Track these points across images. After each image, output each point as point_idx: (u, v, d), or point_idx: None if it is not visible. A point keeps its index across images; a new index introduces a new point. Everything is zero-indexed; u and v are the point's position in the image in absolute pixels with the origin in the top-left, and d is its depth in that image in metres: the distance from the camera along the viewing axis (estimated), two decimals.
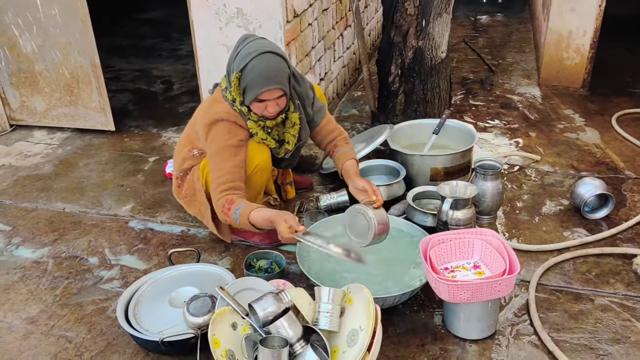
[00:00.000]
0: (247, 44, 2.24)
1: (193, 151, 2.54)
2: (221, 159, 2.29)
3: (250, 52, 2.20)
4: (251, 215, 2.18)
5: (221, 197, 2.26)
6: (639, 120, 3.75)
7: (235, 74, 2.23)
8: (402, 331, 2.12)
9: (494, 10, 6.72)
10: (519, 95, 4.20)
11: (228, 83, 2.34)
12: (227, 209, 2.23)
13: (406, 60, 3.39)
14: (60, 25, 3.31)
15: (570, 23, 4.04)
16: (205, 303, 2.02)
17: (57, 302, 2.33)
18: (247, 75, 2.21)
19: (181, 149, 2.61)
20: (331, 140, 2.60)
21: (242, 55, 2.22)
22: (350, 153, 2.54)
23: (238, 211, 2.20)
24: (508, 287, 1.95)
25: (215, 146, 2.31)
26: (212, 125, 2.32)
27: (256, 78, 2.20)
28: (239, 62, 2.22)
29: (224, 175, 2.27)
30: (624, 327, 2.12)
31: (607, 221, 2.71)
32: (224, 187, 2.26)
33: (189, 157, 2.55)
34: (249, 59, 2.19)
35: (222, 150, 2.29)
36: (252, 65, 2.19)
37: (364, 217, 2.14)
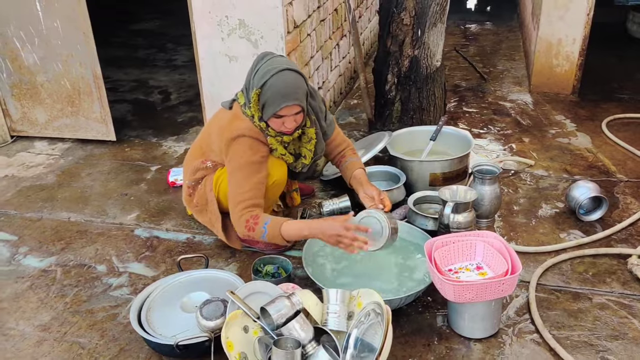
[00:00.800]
0: (266, 61, 2.31)
1: (206, 163, 2.58)
2: (244, 175, 2.32)
3: (270, 69, 2.26)
4: (283, 227, 2.24)
5: (244, 213, 2.29)
6: (628, 125, 3.86)
7: (255, 91, 2.28)
8: (408, 331, 2.19)
9: (483, 19, 6.84)
10: (510, 101, 4.30)
11: (247, 99, 2.38)
12: (254, 224, 2.26)
13: (402, 68, 3.47)
14: (62, 38, 3.36)
15: (559, 31, 4.16)
16: (217, 307, 2.07)
17: (67, 309, 2.37)
18: (267, 92, 2.26)
19: (193, 160, 2.65)
20: (340, 152, 2.69)
21: (262, 72, 2.28)
22: (359, 162, 2.64)
23: (267, 225, 2.25)
24: (511, 286, 2.03)
25: (237, 162, 2.34)
26: (233, 140, 2.35)
27: (275, 95, 2.26)
28: (258, 79, 2.28)
29: (246, 192, 2.30)
30: (622, 324, 2.20)
31: (602, 223, 2.80)
32: (246, 205, 2.30)
33: (202, 168, 2.60)
34: (269, 76, 2.25)
35: (245, 167, 2.32)
36: (272, 83, 2.25)
37: (377, 221, 2.21)
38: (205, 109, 3.32)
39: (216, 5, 2.91)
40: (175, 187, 3.20)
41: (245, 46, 2.98)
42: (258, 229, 2.26)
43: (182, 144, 3.76)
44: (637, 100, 4.25)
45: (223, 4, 2.90)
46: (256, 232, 2.27)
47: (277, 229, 2.25)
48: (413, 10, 3.28)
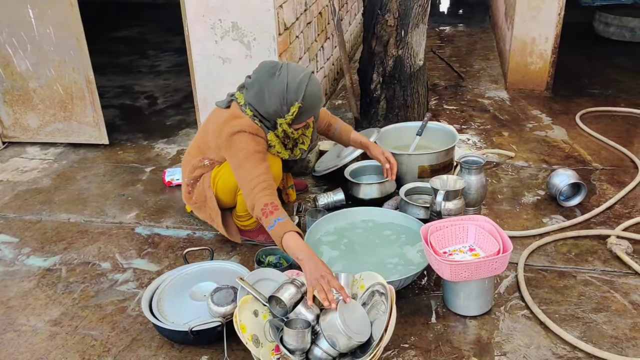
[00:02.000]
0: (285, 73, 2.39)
1: (204, 161, 2.67)
2: (253, 163, 2.36)
3: (301, 79, 2.38)
4: (288, 235, 2.18)
5: (263, 195, 2.28)
6: (600, 118, 4.07)
7: (297, 104, 2.37)
8: (408, 312, 2.31)
9: (456, 21, 7.06)
10: (488, 99, 4.49)
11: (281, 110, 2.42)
12: (270, 212, 2.23)
13: (387, 68, 3.61)
14: (55, 44, 3.42)
15: (533, 30, 4.36)
16: (228, 294, 2.17)
17: (76, 304, 2.44)
18: (307, 101, 2.40)
19: (191, 159, 2.74)
20: (325, 123, 2.88)
21: (294, 85, 2.36)
22: (347, 126, 2.93)
23: (279, 222, 2.21)
24: (503, 264, 2.17)
25: (244, 153, 2.39)
26: (234, 135, 2.41)
27: (316, 101, 2.45)
28: (295, 92, 2.37)
29: (259, 175, 2.33)
30: (605, 298, 2.36)
31: (581, 208, 2.98)
32: (264, 185, 2.31)
33: (200, 166, 2.69)
34: (304, 86, 2.37)
35: (252, 155, 2.38)
36: (310, 91, 2.39)
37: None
38: (199, 111, 3.41)
39: (210, 9, 3.01)
40: (171, 186, 3.29)
41: (239, 48, 3.09)
42: (271, 218, 2.22)
43: (173, 146, 3.84)
44: (607, 94, 4.48)
45: (217, 7, 3.01)
46: (267, 220, 2.23)
47: (283, 232, 2.19)
48: (397, 11, 3.43)
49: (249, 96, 2.48)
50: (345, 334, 1.92)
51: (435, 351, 2.12)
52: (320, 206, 2.95)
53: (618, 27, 5.74)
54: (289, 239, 2.18)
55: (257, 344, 1.99)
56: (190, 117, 4.26)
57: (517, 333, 2.20)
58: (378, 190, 2.98)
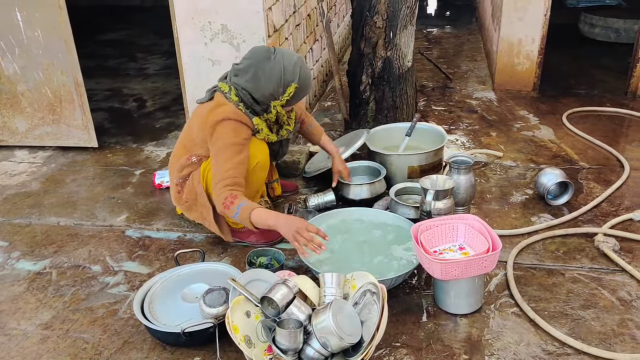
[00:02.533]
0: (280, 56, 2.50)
1: (192, 158, 2.68)
2: (226, 155, 2.46)
3: (295, 61, 2.51)
4: (254, 212, 2.38)
5: (224, 190, 2.43)
6: (586, 118, 4.12)
7: (294, 84, 2.50)
8: (399, 311, 2.33)
9: (443, 23, 7.11)
10: (476, 99, 4.52)
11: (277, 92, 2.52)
12: (230, 203, 2.40)
13: (376, 69, 3.64)
14: (43, 47, 3.41)
15: (519, 31, 4.41)
16: (220, 295, 2.18)
17: (67, 308, 2.43)
18: (302, 82, 2.52)
19: (178, 159, 2.74)
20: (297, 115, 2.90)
21: (290, 67, 2.48)
22: (319, 127, 3.04)
23: (241, 206, 2.39)
24: (493, 262, 2.19)
25: (221, 143, 2.48)
26: (218, 123, 2.48)
27: (309, 82, 2.58)
28: (291, 74, 2.49)
29: (228, 170, 2.44)
30: (593, 295, 2.39)
31: (568, 206, 3.01)
32: (227, 182, 2.43)
33: (188, 165, 2.69)
34: (299, 68, 2.50)
35: (228, 147, 2.47)
36: (304, 73, 2.53)
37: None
38: (189, 113, 3.41)
39: (199, 12, 3.02)
40: (161, 189, 3.28)
41: (228, 50, 3.10)
42: (233, 208, 2.39)
43: (162, 148, 3.83)
44: (592, 94, 4.53)
45: (206, 10, 3.02)
46: (230, 210, 2.41)
47: (248, 212, 2.38)
48: (385, 13, 3.45)
49: (242, 81, 2.53)
50: (337, 335, 1.93)
51: (426, 350, 2.14)
52: (311, 207, 2.96)
53: (603, 28, 5.81)
54: (256, 215, 2.37)
55: (250, 344, 1.99)
56: (179, 119, 4.26)
57: (507, 330, 2.22)
58: (368, 191, 3.00)
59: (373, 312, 2.07)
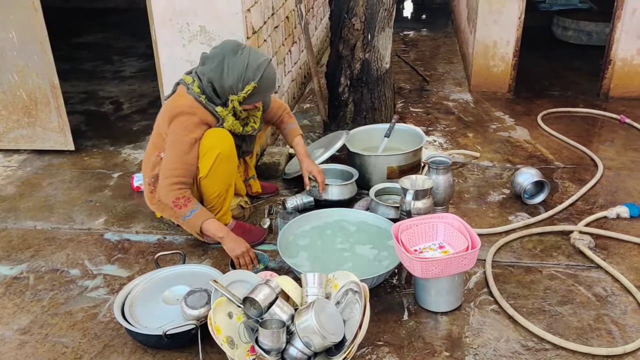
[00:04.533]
0: (247, 53, 2.50)
1: (160, 155, 2.65)
2: (176, 152, 2.51)
3: (261, 62, 2.50)
4: (207, 221, 2.53)
5: (175, 189, 2.51)
6: (560, 118, 4.20)
7: (253, 83, 2.48)
8: (380, 310, 2.34)
9: (419, 26, 7.18)
10: (453, 101, 4.58)
11: (237, 87, 2.51)
12: (184, 204, 2.51)
13: (354, 71, 3.66)
14: (18, 49, 3.36)
15: (494, 34, 4.47)
16: (201, 297, 2.17)
17: (46, 312, 2.39)
18: (262, 83, 2.51)
19: (149, 157, 2.72)
20: (275, 114, 2.97)
21: (254, 65, 2.48)
22: (296, 129, 3.01)
23: (194, 212, 2.52)
24: (472, 260, 2.22)
25: (172, 139, 2.52)
26: (174, 118, 2.52)
27: (270, 85, 2.57)
28: (253, 72, 2.48)
29: (177, 168, 2.51)
30: (569, 291, 2.44)
31: (544, 205, 3.06)
32: (175, 181, 2.51)
33: (158, 162, 2.66)
34: (263, 68, 2.49)
35: (177, 145, 2.51)
36: (267, 74, 2.51)
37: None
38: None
39: (177, 13, 3.01)
40: (140, 191, 3.25)
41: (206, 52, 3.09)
42: (185, 210, 2.52)
43: (140, 151, 3.80)
44: (566, 96, 4.62)
45: (184, 11, 3.00)
46: (181, 211, 2.53)
47: (199, 221, 2.53)
48: (363, 15, 3.48)
49: (207, 70, 2.54)
50: (320, 335, 1.94)
51: (408, 347, 2.16)
52: (290, 208, 2.96)
53: (575, 31, 5.93)
54: (208, 224, 2.53)
55: (232, 345, 1.99)
56: None
57: (486, 327, 2.25)
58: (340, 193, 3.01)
59: (355, 311, 2.08)
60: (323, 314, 1.99)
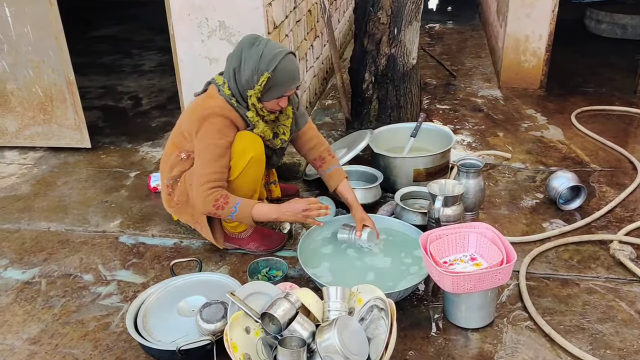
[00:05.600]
0: (264, 45, 2.36)
1: (180, 155, 2.54)
2: (210, 157, 2.37)
3: (277, 52, 2.33)
4: (255, 208, 2.36)
5: (213, 192, 2.36)
6: (595, 117, 4.00)
7: (267, 74, 2.31)
8: (407, 325, 2.21)
9: (445, 18, 6.97)
10: (481, 97, 4.40)
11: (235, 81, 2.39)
12: (224, 203, 2.35)
13: (380, 67, 3.51)
14: (33, 43, 3.27)
15: (526, 28, 4.28)
16: (218, 309, 2.05)
17: (56, 320, 2.30)
18: (278, 74, 2.33)
19: (168, 157, 2.61)
20: (313, 147, 2.70)
21: (269, 56, 2.32)
22: (342, 172, 2.67)
23: (238, 205, 2.36)
24: (507, 275, 2.07)
25: (206, 142, 2.38)
26: (205, 120, 2.37)
27: (286, 77, 2.36)
28: (267, 63, 2.31)
29: (213, 173, 2.37)
30: (610, 307, 2.27)
31: (581, 211, 2.89)
32: (213, 185, 2.36)
33: (178, 163, 2.56)
34: (278, 59, 2.31)
35: (212, 148, 2.37)
36: (282, 66, 2.33)
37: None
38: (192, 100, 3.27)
39: (196, 8, 2.89)
40: (157, 192, 3.15)
41: (226, 48, 2.96)
42: (228, 208, 2.36)
43: (158, 149, 3.70)
44: (601, 93, 4.41)
45: (203, 6, 2.88)
46: (225, 211, 2.37)
47: (249, 210, 2.36)
48: (389, 8, 3.32)
49: (229, 68, 2.42)
50: (342, 355, 1.81)
51: None
52: None
53: (609, 24, 5.69)
54: (256, 211, 2.37)
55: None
56: (175, 118, 4.03)
57: (521, 346, 2.10)
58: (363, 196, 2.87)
59: (380, 329, 1.95)
60: (346, 332, 1.86)
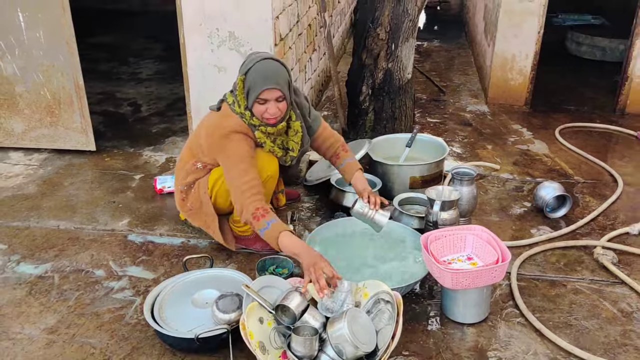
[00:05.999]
0: (252, 54, 2.49)
1: (197, 164, 2.67)
2: (246, 166, 2.41)
3: (254, 58, 2.44)
4: (282, 234, 2.26)
5: (254, 200, 2.35)
6: (577, 133, 4.22)
7: (240, 77, 2.44)
8: (407, 319, 2.34)
9: (432, 36, 7.20)
10: (470, 112, 4.60)
11: (234, 96, 2.50)
12: (262, 216, 2.31)
13: (377, 80, 3.68)
14: (45, 48, 3.37)
15: (514, 47, 4.50)
16: (233, 301, 2.17)
17: (72, 312, 2.40)
18: (250, 76, 2.41)
19: (184, 164, 2.74)
20: (330, 146, 2.78)
21: (247, 62, 2.45)
22: (355, 163, 2.73)
23: (271, 223, 2.29)
24: (502, 272, 2.24)
25: (236, 155, 2.43)
26: (226, 137, 2.46)
27: (257, 78, 2.39)
28: (244, 68, 2.45)
29: (251, 180, 2.39)
30: (595, 306, 2.45)
31: (566, 219, 3.08)
32: (254, 192, 2.37)
33: (193, 171, 2.69)
34: (252, 63, 2.42)
35: (244, 159, 2.43)
36: (255, 68, 2.41)
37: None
38: (192, 119, 3.40)
39: (207, 18, 3.03)
40: (162, 194, 3.26)
41: (235, 57, 3.11)
42: (263, 221, 2.30)
43: (160, 153, 3.81)
44: (582, 111, 4.65)
45: (214, 17, 3.03)
46: (260, 223, 2.31)
47: (277, 233, 2.27)
48: (388, 25, 3.50)
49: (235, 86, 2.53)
50: (352, 344, 1.94)
51: (436, 358, 2.17)
52: None
53: (589, 47, 5.96)
54: (285, 238, 2.26)
55: (264, 351, 2.00)
56: (175, 125, 4.25)
57: (514, 340, 2.26)
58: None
59: (384, 321, 2.09)
60: (356, 324, 2.00)
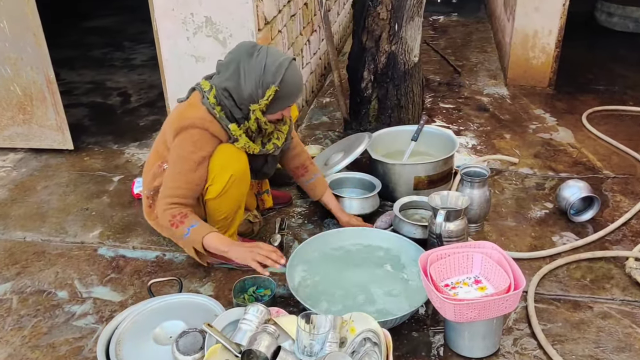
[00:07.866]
0: (264, 55, 2.17)
1: (163, 166, 2.36)
2: (180, 170, 2.22)
3: (281, 62, 2.16)
4: (208, 236, 2.19)
5: (172, 207, 2.22)
6: (607, 118, 3.78)
7: (274, 87, 2.14)
8: (404, 352, 2.03)
9: (449, 10, 6.72)
10: (487, 96, 4.18)
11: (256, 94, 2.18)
12: (180, 222, 2.20)
13: (379, 65, 3.30)
14: (10, 39, 3.07)
15: (535, 22, 4.06)
16: (195, 339, 1.88)
17: (26, 344, 2.13)
18: (284, 86, 2.17)
19: (150, 167, 2.44)
20: (297, 155, 2.60)
21: (273, 68, 2.15)
22: (324, 180, 2.67)
23: (193, 228, 2.20)
24: (514, 302, 1.89)
25: (177, 154, 2.23)
26: (182, 130, 2.20)
27: (294, 89, 2.22)
28: (273, 75, 2.14)
29: (180, 188, 2.23)
30: (627, 335, 2.08)
31: (593, 223, 2.69)
32: (174, 201, 2.23)
33: (159, 174, 2.38)
34: (284, 70, 2.15)
35: (182, 162, 2.21)
36: (289, 76, 2.17)
37: None
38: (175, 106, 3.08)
39: (180, 3, 2.69)
40: (140, 198, 2.96)
41: (213, 45, 2.77)
42: (182, 228, 2.21)
43: (145, 150, 3.51)
44: (612, 91, 4.19)
45: (188, 1, 2.68)
46: (179, 230, 2.22)
47: (200, 237, 2.20)
48: (390, 3, 3.11)
49: (222, 79, 2.22)
50: None
51: None
52: None
53: (621, 17, 5.45)
54: (209, 239, 2.20)
55: None
56: (164, 117, 3.88)
57: None
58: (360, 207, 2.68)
59: None
60: None
